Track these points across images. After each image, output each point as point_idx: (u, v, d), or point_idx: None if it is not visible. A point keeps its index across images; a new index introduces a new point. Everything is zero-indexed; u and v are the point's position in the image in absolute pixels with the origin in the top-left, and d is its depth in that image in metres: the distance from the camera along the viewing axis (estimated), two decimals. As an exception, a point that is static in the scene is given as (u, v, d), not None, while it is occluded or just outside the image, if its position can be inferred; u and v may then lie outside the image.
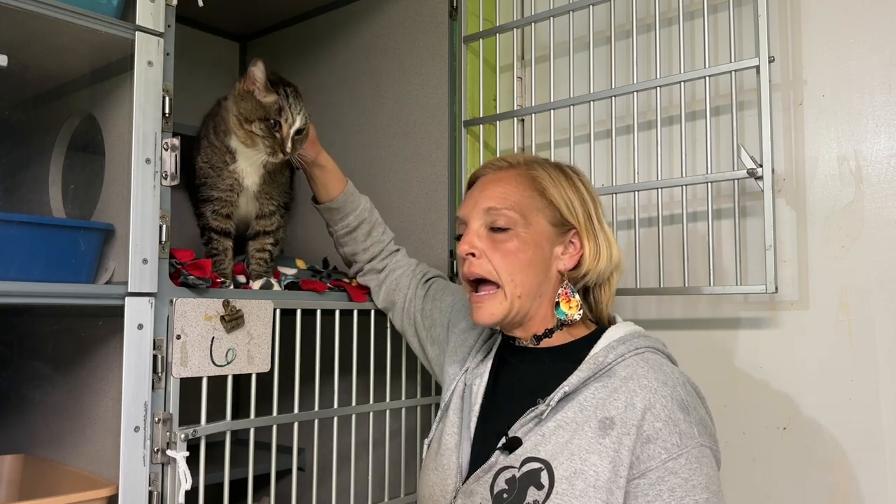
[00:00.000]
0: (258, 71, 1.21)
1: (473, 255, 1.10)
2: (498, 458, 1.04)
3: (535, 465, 1.00)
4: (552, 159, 1.26)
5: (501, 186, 1.12)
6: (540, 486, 0.98)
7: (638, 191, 1.43)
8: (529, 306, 1.11)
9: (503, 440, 1.04)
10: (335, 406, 1.35)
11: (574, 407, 1.02)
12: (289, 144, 1.21)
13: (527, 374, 1.12)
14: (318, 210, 1.38)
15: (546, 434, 1.02)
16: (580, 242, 1.12)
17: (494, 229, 1.10)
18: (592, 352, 1.07)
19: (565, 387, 1.03)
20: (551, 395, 1.03)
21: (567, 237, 1.12)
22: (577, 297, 1.11)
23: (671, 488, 0.94)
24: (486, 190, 1.13)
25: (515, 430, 1.04)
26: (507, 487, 1.00)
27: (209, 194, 1.30)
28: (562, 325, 1.12)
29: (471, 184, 1.19)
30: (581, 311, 1.11)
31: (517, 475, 1.00)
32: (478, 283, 1.12)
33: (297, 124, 1.21)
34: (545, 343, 1.13)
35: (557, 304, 1.11)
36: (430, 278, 1.38)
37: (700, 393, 1.05)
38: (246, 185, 1.30)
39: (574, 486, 0.96)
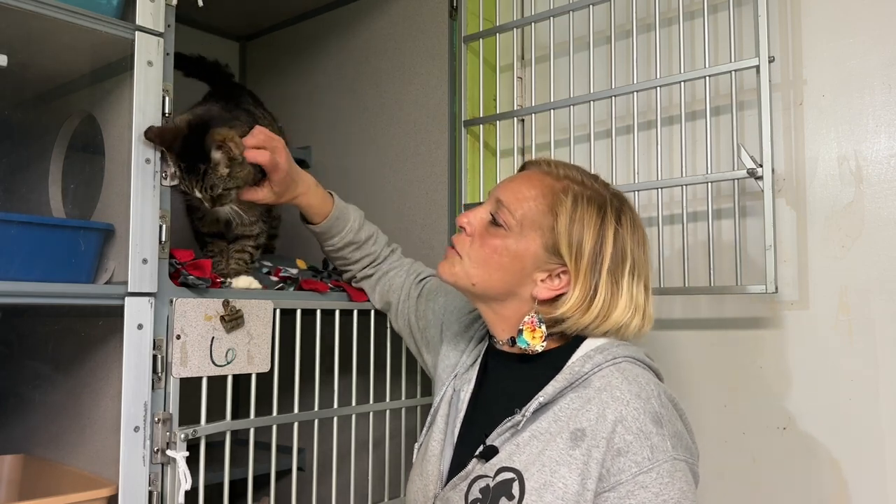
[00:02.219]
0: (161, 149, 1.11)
1: (465, 230, 1.12)
2: (475, 467, 1.03)
3: (509, 475, 0.99)
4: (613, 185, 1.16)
5: (526, 189, 1.09)
6: (511, 497, 0.97)
7: (638, 191, 1.42)
8: (483, 294, 1.11)
9: (480, 448, 1.04)
10: (335, 406, 1.35)
11: (549, 417, 1.01)
12: (207, 205, 1.15)
13: (507, 380, 1.11)
14: (306, 228, 1.37)
15: (521, 444, 1.01)
16: (567, 282, 1.06)
17: (493, 221, 1.10)
18: (570, 361, 1.05)
19: (540, 397, 1.02)
20: (527, 406, 1.02)
21: (556, 269, 1.07)
22: (543, 327, 1.06)
23: (641, 503, 0.92)
24: (516, 182, 1.11)
25: (493, 439, 1.04)
26: (480, 497, 1.00)
27: (191, 205, 1.31)
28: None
29: (521, 168, 1.18)
30: (545, 343, 1.07)
31: (491, 484, 1.00)
32: None
33: (198, 195, 1.14)
34: (517, 349, 1.10)
35: (521, 331, 1.07)
36: (424, 278, 1.38)
37: (678, 406, 1.03)
38: (218, 216, 1.28)
39: (543, 497, 0.95)
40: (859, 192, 1.30)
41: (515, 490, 0.97)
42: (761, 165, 1.26)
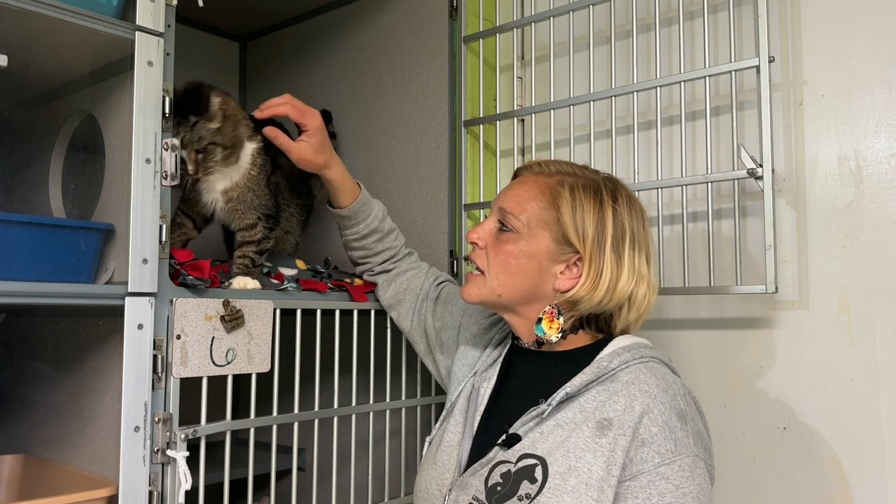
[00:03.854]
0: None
1: (477, 244, 1.15)
2: (497, 454, 1.05)
3: (531, 460, 1.01)
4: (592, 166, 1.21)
5: (524, 191, 1.13)
6: (533, 481, 0.99)
7: (638, 191, 1.42)
8: (515, 305, 1.13)
9: (503, 436, 1.05)
10: (335, 406, 1.35)
11: (574, 408, 1.03)
12: (190, 167, 1.19)
13: (532, 376, 1.14)
14: (331, 213, 1.38)
15: (545, 432, 1.03)
16: (582, 268, 1.10)
17: (501, 229, 1.13)
18: (597, 357, 1.08)
19: (567, 388, 1.04)
20: (553, 396, 1.05)
21: (570, 258, 1.10)
22: (561, 319, 1.10)
23: (661, 493, 0.94)
24: (513, 189, 1.15)
25: (516, 428, 1.06)
26: (501, 481, 1.02)
27: (185, 198, 1.32)
28: (565, 334, 1.12)
29: (514, 176, 1.21)
30: (560, 334, 1.10)
31: (512, 469, 1.02)
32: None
33: (183, 152, 1.17)
34: (547, 347, 1.14)
35: (540, 319, 1.11)
36: (442, 282, 1.40)
37: (699, 407, 1.06)
38: (208, 201, 1.29)
39: (567, 481, 0.97)
40: (859, 192, 1.30)
41: (538, 474, 0.99)
42: (761, 165, 1.26)
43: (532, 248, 1.10)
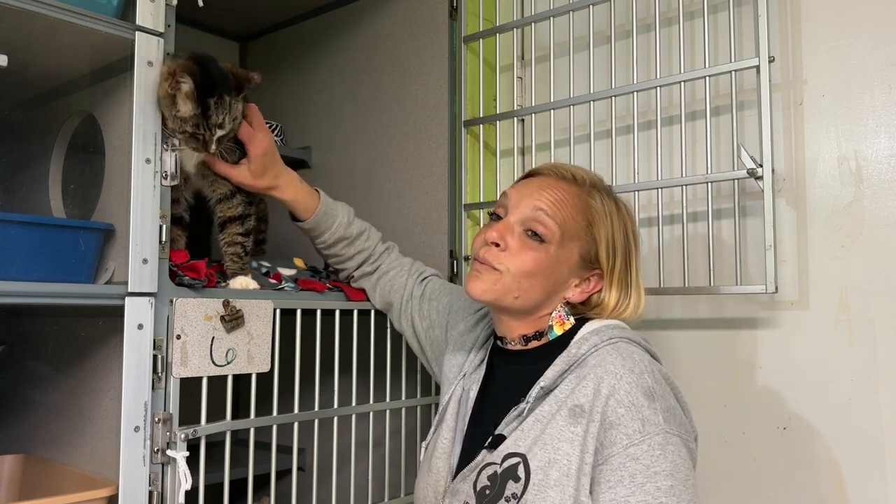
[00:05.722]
0: (186, 86, 1.09)
1: (498, 245, 1.08)
2: (484, 456, 1.05)
3: (515, 459, 1.01)
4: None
5: (559, 195, 1.08)
6: (517, 479, 0.99)
7: (638, 191, 1.42)
8: (521, 308, 1.10)
9: (489, 439, 1.05)
10: (335, 406, 1.35)
11: (550, 400, 1.03)
12: (213, 147, 1.14)
13: (512, 375, 1.13)
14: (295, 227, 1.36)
15: (525, 429, 1.03)
16: (597, 283, 1.10)
17: (530, 235, 1.07)
18: (567, 346, 1.07)
19: (542, 382, 1.04)
20: (530, 392, 1.04)
21: (588, 273, 1.10)
22: (572, 318, 1.11)
23: (632, 474, 0.93)
24: (544, 190, 1.09)
25: (501, 429, 1.05)
26: (489, 484, 1.02)
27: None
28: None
29: (528, 175, 1.16)
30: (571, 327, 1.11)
31: (498, 471, 1.01)
32: None
33: (218, 133, 1.14)
34: (533, 344, 1.12)
35: (551, 326, 1.10)
36: (426, 277, 1.38)
37: (673, 383, 1.04)
38: (187, 169, 1.22)
39: (549, 475, 0.96)
40: (859, 192, 1.30)
41: (521, 472, 0.99)
42: (761, 165, 1.26)
43: (560, 260, 1.07)
